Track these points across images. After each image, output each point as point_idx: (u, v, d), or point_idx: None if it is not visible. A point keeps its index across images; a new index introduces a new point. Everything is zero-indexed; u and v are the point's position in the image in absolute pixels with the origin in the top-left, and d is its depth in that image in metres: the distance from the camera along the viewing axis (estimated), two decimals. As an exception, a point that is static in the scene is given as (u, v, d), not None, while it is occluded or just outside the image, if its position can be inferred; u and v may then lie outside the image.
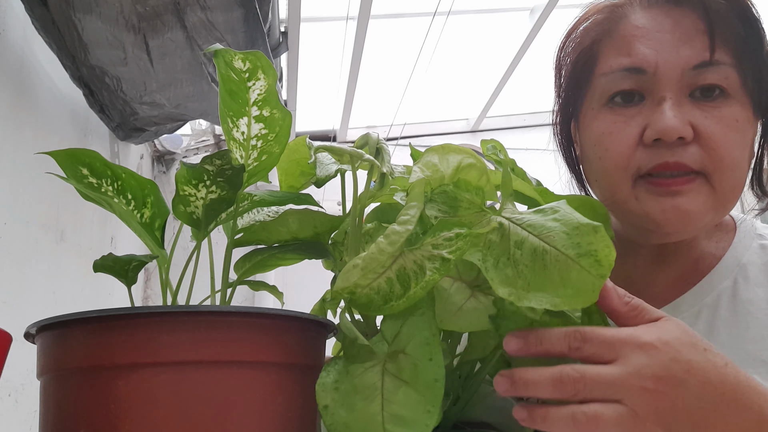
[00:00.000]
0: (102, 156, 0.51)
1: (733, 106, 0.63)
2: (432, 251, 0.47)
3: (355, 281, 0.46)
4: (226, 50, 0.49)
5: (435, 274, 0.46)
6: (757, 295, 0.67)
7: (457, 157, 0.54)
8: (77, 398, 0.42)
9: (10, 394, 1.27)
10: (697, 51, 0.63)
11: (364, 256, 0.46)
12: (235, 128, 0.52)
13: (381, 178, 0.53)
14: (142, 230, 0.52)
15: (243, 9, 1.36)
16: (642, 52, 0.65)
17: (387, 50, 2.69)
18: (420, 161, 0.53)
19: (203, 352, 0.42)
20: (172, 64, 1.51)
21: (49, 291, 1.48)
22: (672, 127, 0.61)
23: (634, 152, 0.64)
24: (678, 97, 0.63)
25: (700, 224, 0.65)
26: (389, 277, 0.47)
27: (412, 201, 0.49)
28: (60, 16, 1.32)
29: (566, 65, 0.74)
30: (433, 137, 3.30)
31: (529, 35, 2.54)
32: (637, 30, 0.66)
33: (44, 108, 1.46)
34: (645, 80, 0.65)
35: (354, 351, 0.47)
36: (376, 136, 0.55)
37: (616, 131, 0.66)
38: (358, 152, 0.52)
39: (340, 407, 0.44)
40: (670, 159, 0.62)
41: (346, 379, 0.46)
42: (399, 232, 0.46)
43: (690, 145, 0.62)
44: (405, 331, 0.47)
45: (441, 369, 0.44)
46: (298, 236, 0.58)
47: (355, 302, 0.48)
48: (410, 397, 0.43)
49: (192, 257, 0.54)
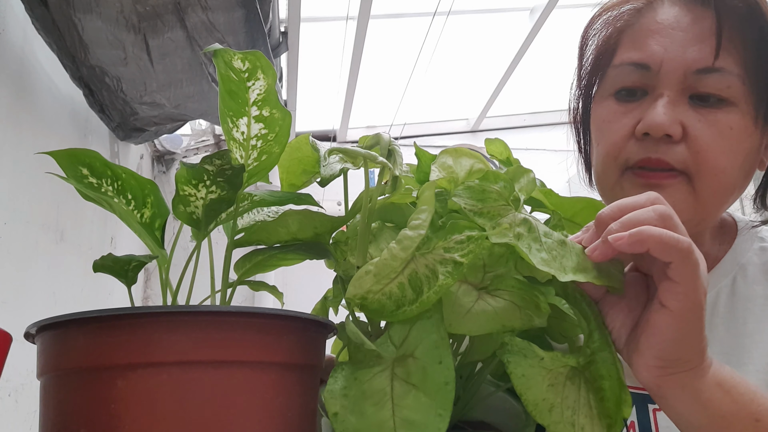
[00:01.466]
0: (102, 156, 0.51)
1: (731, 114, 0.64)
2: (444, 255, 0.47)
3: (368, 288, 0.46)
4: (226, 50, 0.49)
5: (448, 278, 0.46)
6: (756, 292, 0.68)
7: (469, 161, 0.55)
8: (77, 398, 0.42)
9: (10, 394, 1.27)
10: (704, 54, 0.64)
11: (376, 263, 0.46)
12: (235, 128, 0.52)
13: (393, 181, 0.53)
14: (142, 230, 0.52)
15: (244, 9, 1.36)
16: (651, 49, 0.66)
17: (387, 50, 2.69)
18: (436, 162, 0.54)
19: (203, 352, 0.42)
20: (172, 64, 1.51)
21: (49, 291, 1.48)
22: (659, 123, 0.63)
23: (626, 144, 0.66)
24: (676, 97, 0.64)
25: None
26: (401, 282, 0.47)
27: (423, 204, 0.48)
28: (60, 16, 1.32)
29: (590, 47, 0.75)
30: (433, 137, 3.30)
31: (529, 35, 2.54)
32: (656, 25, 0.67)
33: (44, 108, 1.46)
34: (649, 77, 0.66)
35: (360, 356, 0.47)
36: (388, 137, 0.55)
37: (614, 121, 0.68)
38: (372, 155, 0.52)
39: (350, 414, 0.44)
40: (653, 155, 0.64)
41: (354, 385, 0.45)
42: (412, 237, 0.46)
43: (677, 144, 0.64)
44: (413, 335, 0.47)
45: (451, 372, 0.44)
46: (298, 237, 0.58)
47: (367, 308, 0.47)
48: (421, 401, 0.43)
49: (192, 257, 0.54)
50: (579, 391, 0.47)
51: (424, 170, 0.60)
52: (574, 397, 0.46)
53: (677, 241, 0.44)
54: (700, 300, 0.45)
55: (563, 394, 0.46)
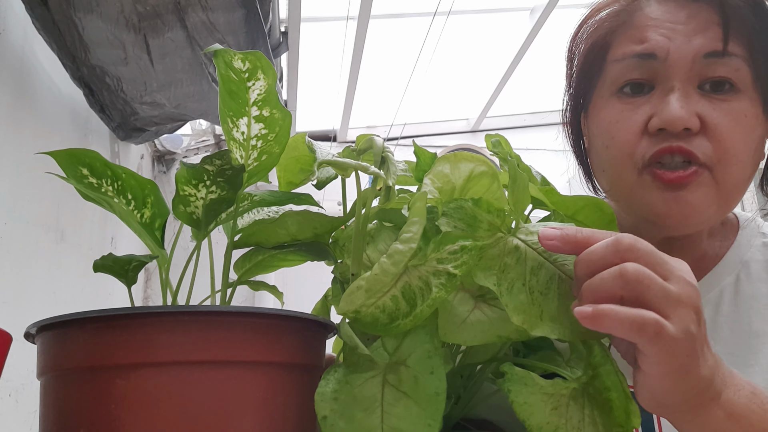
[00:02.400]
0: (102, 156, 0.51)
1: (743, 101, 0.63)
2: (437, 266, 0.46)
3: (360, 303, 0.46)
4: (226, 50, 0.49)
5: (441, 290, 0.45)
6: (760, 291, 0.67)
7: (468, 165, 0.53)
8: (77, 398, 0.42)
9: (10, 394, 1.28)
10: (709, 41, 0.63)
11: (367, 278, 0.46)
12: (235, 128, 0.52)
13: (386, 191, 0.52)
14: (142, 230, 0.52)
15: (244, 9, 1.36)
16: (655, 38, 0.65)
17: (387, 50, 2.69)
18: (431, 172, 0.52)
19: (203, 352, 0.42)
20: (172, 63, 1.51)
21: (49, 291, 1.48)
22: (678, 117, 0.61)
23: (640, 140, 0.64)
24: (686, 88, 0.63)
25: (702, 217, 0.64)
26: (394, 295, 0.46)
27: (414, 216, 0.47)
28: (61, 16, 1.32)
29: (578, 55, 0.74)
30: (434, 137, 3.30)
31: (530, 35, 2.54)
32: (652, 20, 0.66)
33: (44, 108, 1.46)
34: (656, 67, 0.64)
35: (354, 359, 0.47)
36: (381, 142, 0.53)
37: (623, 119, 0.66)
38: (363, 165, 0.51)
39: (339, 418, 0.43)
40: (674, 143, 0.62)
41: (345, 389, 0.45)
42: (402, 251, 0.46)
43: (696, 136, 0.62)
44: (407, 343, 0.46)
45: (443, 383, 0.43)
46: (298, 238, 0.58)
47: (360, 321, 0.47)
48: (411, 410, 0.43)
49: (192, 257, 0.54)
50: (583, 410, 0.46)
51: (423, 169, 0.59)
52: (579, 416, 0.46)
53: (641, 323, 0.40)
54: (680, 363, 0.42)
55: (567, 415, 0.46)
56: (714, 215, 0.65)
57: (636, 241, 0.43)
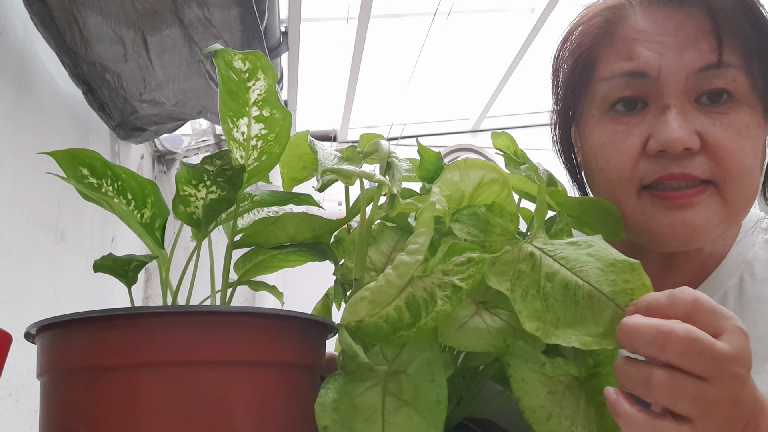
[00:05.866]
0: (102, 156, 0.51)
1: (743, 112, 0.60)
2: (442, 278, 0.45)
3: (364, 314, 0.45)
4: (226, 50, 0.49)
5: (446, 303, 0.44)
6: (764, 293, 0.65)
7: (478, 172, 0.52)
8: (77, 398, 0.42)
9: (10, 394, 1.27)
10: (702, 53, 0.60)
11: (372, 288, 0.45)
12: (235, 128, 0.52)
13: (391, 199, 0.50)
14: (142, 230, 0.52)
15: (240, 8, 1.36)
16: (644, 55, 0.61)
17: (387, 50, 2.69)
18: (440, 179, 0.51)
19: (203, 352, 0.42)
20: (170, 60, 1.51)
21: (49, 291, 1.48)
22: (677, 138, 0.58)
23: (637, 163, 0.61)
24: (683, 104, 0.60)
25: (710, 237, 0.61)
26: (398, 306, 0.45)
27: (422, 227, 0.46)
28: (61, 12, 1.32)
29: (563, 71, 0.70)
30: (434, 137, 3.30)
31: (530, 35, 2.54)
32: (638, 33, 0.62)
33: (45, 108, 1.46)
34: (648, 85, 0.61)
35: (353, 366, 0.46)
36: (388, 147, 0.52)
37: (618, 141, 0.62)
38: (367, 174, 0.50)
39: (340, 429, 0.43)
40: (676, 170, 0.59)
41: (345, 398, 0.44)
42: (408, 263, 0.45)
43: (697, 155, 0.59)
44: (406, 351, 0.46)
45: (444, 390, 0.43)
46: (297, 239, 0.58)
47: (363, 331, 0.46)
48: (412, 419, 0.42)
49: (192, 257, 0.54)
50: (579, 402, 0.46)
51: (426, 168, 0.59)
52: (574, 407, 0.45)
53: (699, 395, 0.39)
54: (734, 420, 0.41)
55: (562, 403, 0.45)
56: (722, 232, 0.63)
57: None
